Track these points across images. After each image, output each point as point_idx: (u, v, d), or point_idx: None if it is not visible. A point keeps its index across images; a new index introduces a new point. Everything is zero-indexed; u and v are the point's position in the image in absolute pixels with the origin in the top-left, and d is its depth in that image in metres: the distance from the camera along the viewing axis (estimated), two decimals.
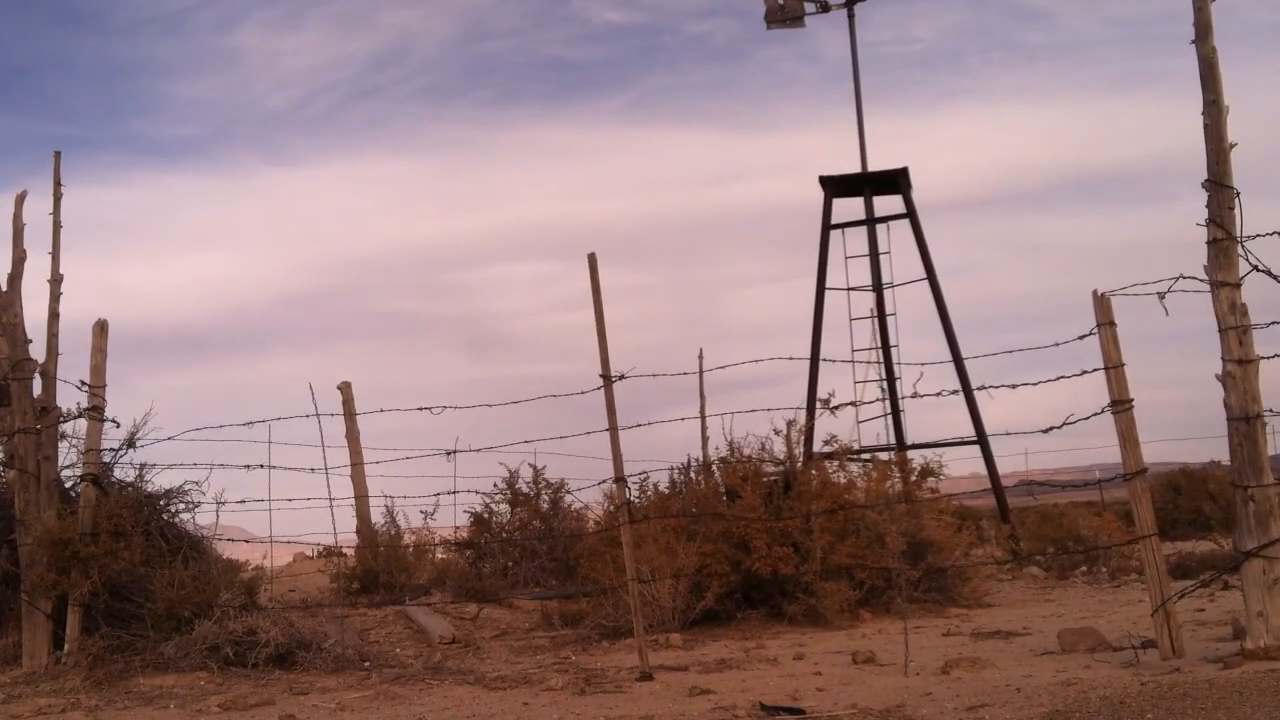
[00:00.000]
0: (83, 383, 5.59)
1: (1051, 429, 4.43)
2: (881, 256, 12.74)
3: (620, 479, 4.89)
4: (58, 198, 5.80)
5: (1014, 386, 4.70)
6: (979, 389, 7.31)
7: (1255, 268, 3.91)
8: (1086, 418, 4.31)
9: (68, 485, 5.83)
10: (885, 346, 12.53)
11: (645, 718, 3.62)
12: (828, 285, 12.64)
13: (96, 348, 5.65)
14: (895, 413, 12.41)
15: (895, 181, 12.56)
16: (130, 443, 5.95)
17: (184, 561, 5.64)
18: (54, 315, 5.65)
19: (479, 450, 6.67)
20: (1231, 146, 3.91)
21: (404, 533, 8.73)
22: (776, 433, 6.97)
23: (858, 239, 12.89)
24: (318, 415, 6.16)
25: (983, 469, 11.94)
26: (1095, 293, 4.23)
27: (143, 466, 6.04)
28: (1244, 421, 3.79)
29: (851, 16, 12.88)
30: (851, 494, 6.75)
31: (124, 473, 6.02)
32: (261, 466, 5.85)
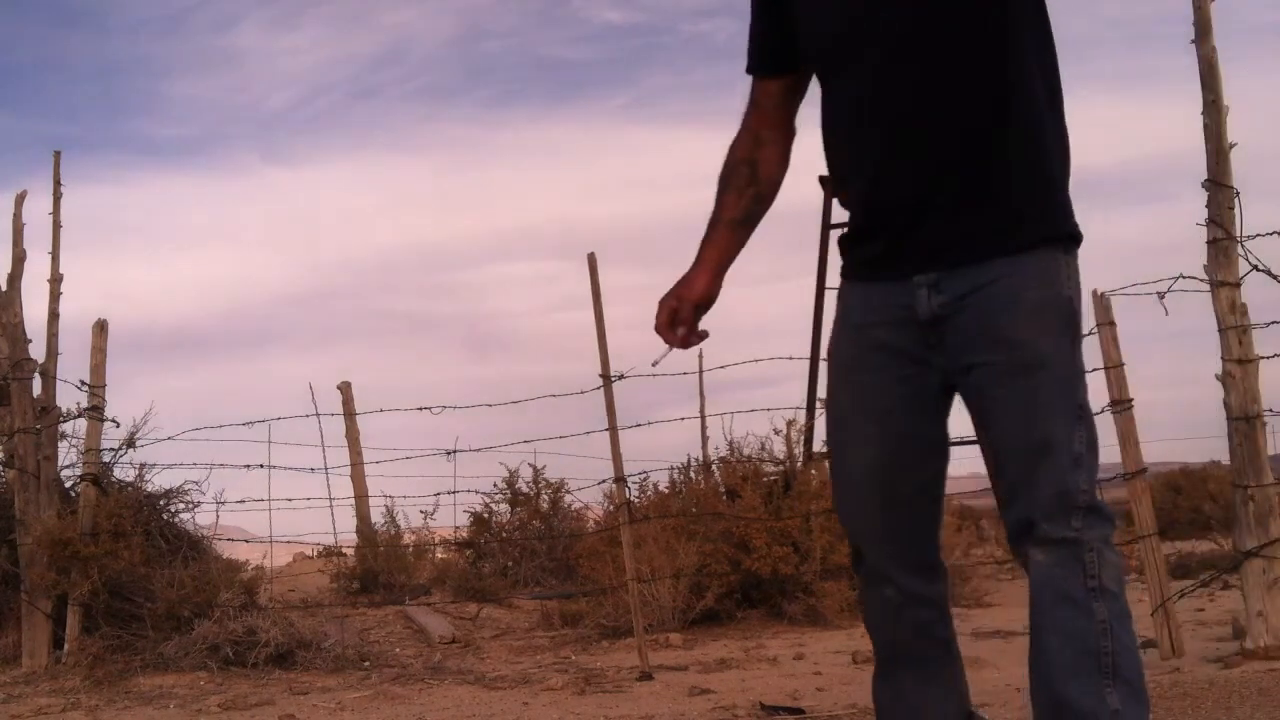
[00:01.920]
0: (83, 383, 5.59)
1: None
2: None
3: (620, 479, 4.90)
4: (57, 197, 5.80)
5: None
6: None
7: (1255, 268, 3.91)
8: None
9: (68, 485, 5.83)
10: None
11: (645, 718, 3.63)
12: (827, 285, 12.62)
13: (96, 348, 5.64)
14: None
15: None
16: (130, 443, 5.94)
17: (184, 561, 5.64)
18: (54, 315, 5.65)
19: (479, 450, 6.68)
20: (1231, 146, 3.91)
21: (404, 533, 8.73)
22: (776, 432, 6.98)
23: None
24: (318, 415, 6.19)
25: (983, 469, 11.93)
26: (1095, 292, 4.23)
27: (143, 466, 6.04)
28: (1244, 421, 3.80)
29: None
30: None
31: (124, 473, 6.01)
32: (261, 466, 5.85)
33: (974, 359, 1.98)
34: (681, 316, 2.21)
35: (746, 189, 2.25)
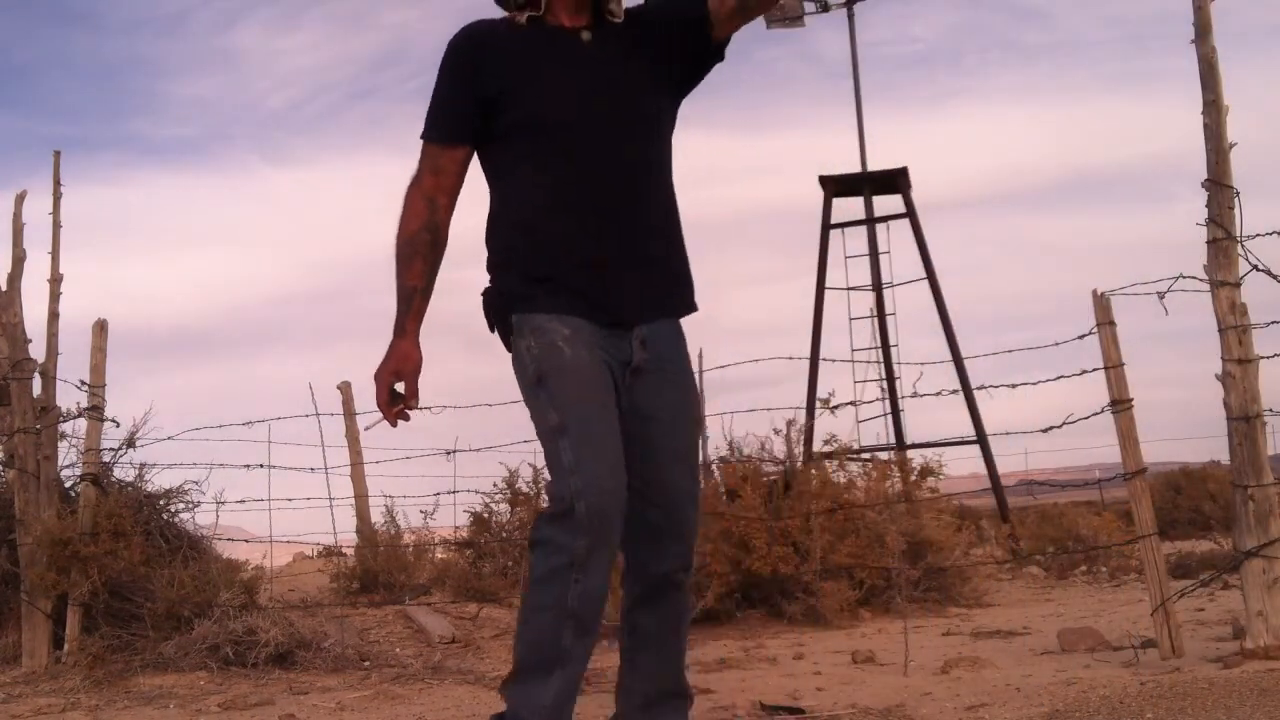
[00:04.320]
0: (83, 382, 5.59)
1: (1051, 429, 4.44)
2: (881, 256, 12.78)
3: None
4: (57, 197, 5.79)
5: (1014, 386, 4.70)
6: (979, 389, 7.32)
7: (1255, 268, 3.91)
8: (1086, 417, 4.31)
9: (68, 485, 5.83)
10: (885, 346, 12.57)
11: None
12: (828, 285, 12.67)
13: (96, 347, 5.64)
14: (895, 412, 12.43)
15: (895, 181, 12.59)
16: (130, 442, 5.94)
17: (184, 561, 5.64)
18: (54, 315, 5.65)
19: (479, 450, 6.68)
20: (1231, 146, 3.91)
21: (404, 533, 8.73)
22: (776, 433, 6.98)
23: (857, 239, 12.93)
24: (317, 415, 6.18)
25: (983, 469, 11.97)
26: (1095, 292, 4.23)
27: (142, 466, 6.04)
28: (1244, 421, 3.80)
29: (851, 16, 12.90)
30: (851, 494, 6.75)
31: (124, 472, 6.01)
32: (261, 466, 5.85)
33: (660, 413, 2.51)
34: (409, 390, 2.49)
35: (429, 255, 2.56)
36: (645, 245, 2.50)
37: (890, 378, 12.38)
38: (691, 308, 2.63)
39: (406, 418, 2.52)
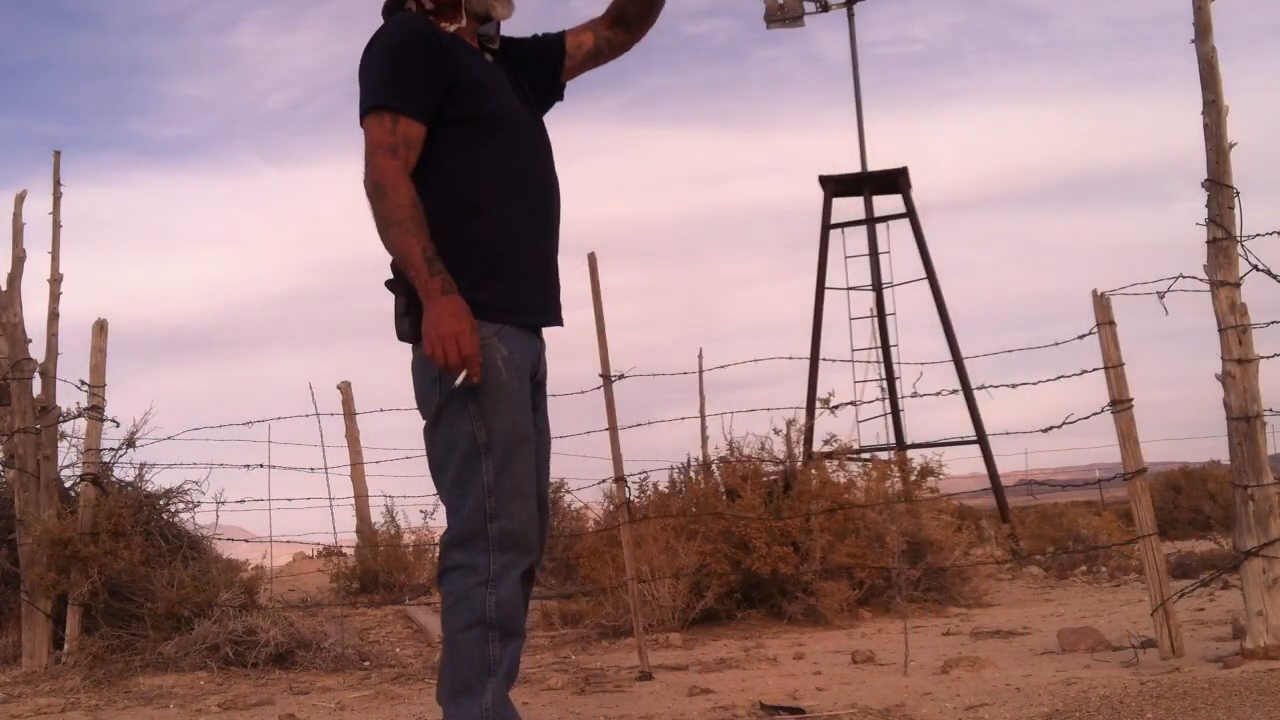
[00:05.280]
0: (83, 382, 5.60)
1: (1051, 429, 4.43)
2: (881, 256, 12.76)
3: (620, 479, 4.89)
4: (57, 197, 5.80)
5: (1014, 386, 4.70)
6: (979, 389, 7.31)
7: (1255, 267, 3.91)
8: (1086, 417, 4.31)
9: (67, 485, 5.83)
10: (885, 346, 12.55)
11: (645, 717, 3.62)
12: (827, 285, 12.66)
13: (96, 347, 5.65)
14: (895, 412, 12.42)
15: (895, 181, 12.58)
16: (130, 442, 5.95)
17: (184, 561, 5.64)
18: (54, 315, 5.65)
19: None
20: (1231, 146, 3.91)
21: (404, 533, 8.74)
22: (776, 432, 6.97)
23: (857, 239, 12.91)
24: (317, 415, 6.17)
25: (983, 469, 11.96)
26: (1095, 292, 4.22)
27: (142, 466, 6.05)
28: (1244, 421, 3.80)
29: (851, 16, 12.88)
30: (851, 494, 6.75)
31: (124, 472, 6.02)
32: (261, 466, 5.85)
33: (543, 425, 2.68)
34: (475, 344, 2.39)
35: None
36: (557, 247, 2.70)
37: (890, 378, 12.38)
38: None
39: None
